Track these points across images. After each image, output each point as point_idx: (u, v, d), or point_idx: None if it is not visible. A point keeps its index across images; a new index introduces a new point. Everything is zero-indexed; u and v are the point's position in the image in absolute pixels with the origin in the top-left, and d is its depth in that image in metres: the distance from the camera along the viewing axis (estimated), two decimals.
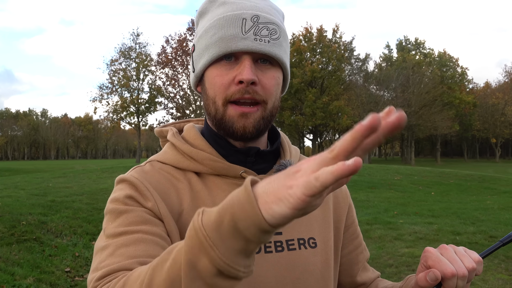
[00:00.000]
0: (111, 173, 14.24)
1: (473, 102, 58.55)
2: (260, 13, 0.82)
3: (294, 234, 0.87)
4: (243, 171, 0.85)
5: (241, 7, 0.82)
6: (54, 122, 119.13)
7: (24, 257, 5.07)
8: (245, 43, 0.79)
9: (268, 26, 0.81)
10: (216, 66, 0.82)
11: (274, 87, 0.83)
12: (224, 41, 0.80)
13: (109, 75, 38.31)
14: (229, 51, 0.80)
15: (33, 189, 9.80)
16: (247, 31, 0.79)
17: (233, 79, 0.80)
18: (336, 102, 41.99)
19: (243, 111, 0.81)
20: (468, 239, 6.55)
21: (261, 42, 0.79)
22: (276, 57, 0.82)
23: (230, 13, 0.82)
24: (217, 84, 0.82)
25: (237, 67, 0.81)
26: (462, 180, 16.07)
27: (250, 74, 0.78)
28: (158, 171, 0.87)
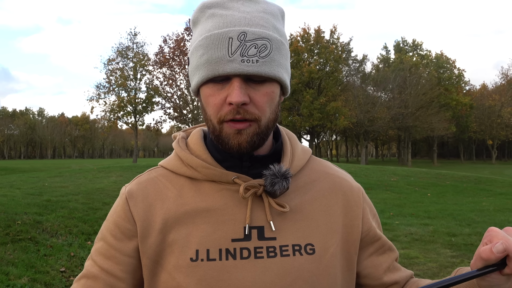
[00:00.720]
0: (107, 172, 14.21)
1: (469, 104, 58.76)
2: (248, 28, 0.79)
3: (289, 239, 0.85)
4: (235, 176, 0.86)
5: (229, 21, 0.80)
6: (51, 121, 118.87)
7: (19, 257, 5.05)
8: (232, 66, 0.77)
9: (256, 43, 0.78)
10: (208, 85, 0.82)
11: (267, 103, 0.82)
12: (211, 64, 0.79)
13: (106, 74, 38.26)
14: (216, 74, 0.79)
15: (29, 188, 9.76)
16: (234, 52, 0.77)
17: (225, 99, 0.80)
18: (334, 103, 42.04)
19: (237, 128, 0.80)
20: (464, 240, 6.57)
21: (249, 63, 0.77)
22: (267, 75, 0.79)
23: (216, 31, 0.80)
24: (210, 104, 0.82)
25: (228, 87, 0.80)
26: (458, 181, 16.12)
27: (239, 97, 0.77)
28: (153, 180, 0.92)
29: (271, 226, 0.84)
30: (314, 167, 0.97)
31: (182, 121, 35.42)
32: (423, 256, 5.72)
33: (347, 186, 0.96)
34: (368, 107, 44.40)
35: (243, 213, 0.85)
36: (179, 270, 0.83)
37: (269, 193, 0.85)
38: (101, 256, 0.89)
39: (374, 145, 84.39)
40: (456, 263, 5.43)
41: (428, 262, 5.46)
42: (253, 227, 0.84)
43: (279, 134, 0.97)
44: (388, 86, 46.61)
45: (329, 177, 0.96)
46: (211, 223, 0.85)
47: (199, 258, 0.82)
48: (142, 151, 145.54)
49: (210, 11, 0.83)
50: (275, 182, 0.83)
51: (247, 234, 0.84)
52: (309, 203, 0.90)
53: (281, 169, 0.84)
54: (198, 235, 0.84)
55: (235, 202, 0.86)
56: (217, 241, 0.83)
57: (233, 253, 0.82)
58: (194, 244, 0.83)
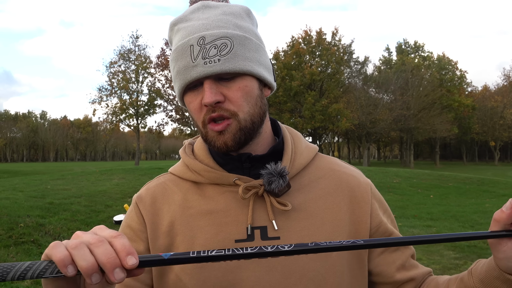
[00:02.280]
0: (109, 175, 14.22)
1: (472, 105, 58.61)
2: (206, 32, 0.82)
3: (293, 239, 0.85)
4: (236, 178, 0.88)
5: (190, 31, 0.84)
6: (53, 124, 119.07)
7: (21, 259, 5.06)
8: (197, 71, 0.81)
9: (215, 44, 0.81)
10: (187, 94, 0.87)
11: (243, 98, 0.84)
12: (180, 74, 0.84)
13: (109, 77, 38.29)
14: (186, 82, 0.84)
15: (32, 191, 9.78)
16: (196, 57, 0.81)
17: (201, 102, 0.85)
18: (335, 104, 41.98)
19: (217, 130, 0.84)
20: (467, 242, 6.55)
21: (211, 64, 0.81)
22: (231, 72, 0.82)
23: (180, 43, 0.84)
24: (192, 110, 0.87)
25: (202, 90, 0.84)
26: (461, 183, 16.07)
27: (209, 97, 0.81)
28: (161, 185, 0.96)
29: (274, 226, 0.85)
30: (320, 164, 0.96)
31: (184, 124, 35.45)
32: (426, 258, 5.71)
33: (354, 182, 0.95)
34: (370, 109, 44.33)
35: (245, 214, 0.86)
36: (185, 272, 0.85)
37: (270, 192, 0.86)
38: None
39: (376, 146, 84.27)
40: (459, 265, 5.41)
41: (431, 264, 5.44)
42: (256, 227, 0.85)
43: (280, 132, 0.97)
44: (390, 88, 46.54)
45: (335, 174, 0.95)
46: (215, 225, 0.86)
47: None
48: (144, 154, 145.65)
49: (176, 27, 0.89)
50: (271, 181, 0.84)
51: (250, 235, 0.85)
52: (313, 201, 0.90)
53: (277, 167, 0.85)
54: (202, 237, 0.86)
55: (238, 204, 0.88)
56: (221, 242, 0.85)
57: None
58: (199, 246, 0.85)
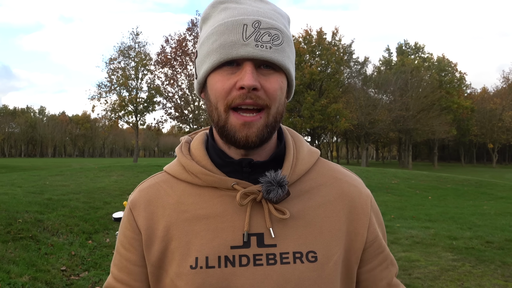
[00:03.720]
0: (108, 172, 14.21)
1: (471, 107, 58.75)
2: (262, 18, 0.80)
3: (290, 247, 0.83)
4: (234, 183, 0.85)
5: (243, 12, 0.81)
6: (51, 120, 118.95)
7: (20, 255, 5.05)
8: (246, 50, 0.78)
9: (270, 32, 0.80)
10: (218, 72, 0.82)
11: (278, 91, 0.81)
12: (225, 48, 0.79)
13: (108, 73, 38.23)
14: (229, 57, 0.79)
15: (30, 187, 9.76)
16: (248, 37, 0.78)
17: (235, 84, 0.79)
18: (335, 104, 42.01)
19: (246, 120, 0.80)
20: (465, 244, 6.56)
21: (262, 48, 0.78)
22: (278, 63, 0.80)
23: (231, 19, 0.81)
24: (219, 90, 0.81)
25: (238, 73, 0.80)
26: (459, 184, 16.10)
27: (251, 80, 0.77)
28: (155, 187, 0.92)
29: (270, 233, 0.83)
30: (321, 170, 0.94)
31: (183, 121, 35.42)
32: (424, 259, 5.72)
33: (356, 192, 0.92)
34: (369, 109, 44.38)
35: (242, 219, 0.84)
36: (180, 277, 0.83)
37: (269, 199, 0.83)
38: (116, 267, 0.94)
39: (374, 147, 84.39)
40: (457, 267, 5.42)
41: (429, 266, 5.45)
42: (252, 234, 0.83)
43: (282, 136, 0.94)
44: (390, 89, 46.62)
45: (337, 183, 0.92)
46: (210, 230, 0.84)
47: (198, 265, 0.82)
48: (143, 151, 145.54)
49: (223, 5, 0.85)
50: (270, 190, 0.82)
51: (246, 241, 0.83)
52: (313, 209, 0.87)
53: (276, 176, 0.82)
54: (197, 242, 0.84)
55: (235, 209, 0.85)
56: (216, 248, 0.82)
57: (232, 260, 0.82)
58: (194, 252, 0.83)
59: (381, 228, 0.96)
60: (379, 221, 0.96)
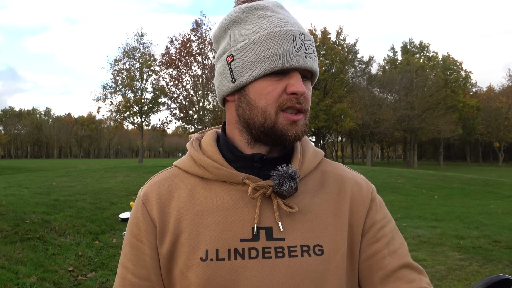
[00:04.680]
0: (114, 172, 14.26)
1: (476, 106, 58.45)
2: (303, 31, 0.88)
3: (297, 240, 0.86)
4: (245, 177, 0.88)
5: (286, 23, 0.87)
6: (57, 121, 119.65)
7: (27, 256, 5.08)
8: (299, 60, 0.85)
9: (311, 44, 0.88)
10: (266, 78, 0.86)
11: (310, 99, 0.91)
12: (280, 57, 0.84)
13: (113, 74, 38.31)
14: (284, 67, 0.84)
15: (37, 187, 9.82)
16: (299, 48, 0.85)
17: (284, 89, 0.85)
18: (339, 104, 41.95)
19: (293, 119, 0.86)
20: (472, 243, 6.53)
21: (310, 59, 0.86)
22: (316, 74, 0.91)
23: (280, 29, 0.86)
24: (270, 94, 0.86)
25: (285, 79, 0.86)
26: (466, 184, 16.02)
27: (303, 88, 0.85)
28: (166, 180, 0.94)
29: (279, 227, 0.86)
30: (325, 169, 0.98)
31: (187, 122, 35.46)
32: (431, 259, 5.69)
33: (357, 186, 0.96)
34: (374, 109, 44.25)
35: (251, 213, 0.87)
36: (190, 269, 0.85)
37: (278, 194, 0.87)
38: (132, 263, 0.91)
39: (379, 147, 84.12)
40: (464, 266, 5.40)
41: (436, 265, 5.43)
42: (261, 227, 0.86)
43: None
44: (395, 88, 46.44)
45: (339, 178, 0.96)
46: (221, 223, 0.86)
47: (208, 257, 0.84)
48: (148, 152, 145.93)
49: (259, 12, 0.89)
50: (282, 183, 0.85)
51: (255, 234, 0.85)
52: (318, 204, 0.91)
53: (288, 170, 0.86)
54: (208, 235, 0.86)
55: (244, 203, 0.88)
56: (226, 241, 0.85)
57: (241, 253, 0.84)
58: (204, 244, 0.85)
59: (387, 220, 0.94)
60: (381, 212, 0.95)
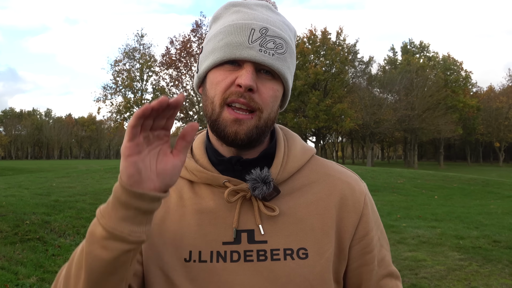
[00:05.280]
0: (114, 173, 14.27)
1: (476, 106, 58.38)
2: (269, 26, 0.83)
3: (280, 243, 0.84)
4: (225, 180, 0.87)
5: (253, 17, 0.84)
6: (57, 122, 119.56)
7: (27, 257, 5.08)
8: (249, 53, 0.80)
9: (275, 40, 0.82)
10: (219, 68, 0.84)
11: (271, 98, 0.84)
12: (230, 47, 0.82)
13: (113, 75, 38.31)
14: (233, 57, 0.82)
15: (37, 188, 9.83)
16: (254, 41, 0.81)
17: (234, 81, 0.82)
18: (339, 104, 41.91)
19: (237, 117, 0.81)
20: (472, 243, 6.53)
21: (265, 54, 0.81)
22: (278, 71, 0.83)
23: (240, 22, 0.84)
24: (219, 84, 0.83)
25: (237, 71, 0.82)
26: (466, 184, 16.01)
27: (249, 80, 0.79)
28: None
29: (260, 230, 0.85)
30: (314, 168, 0.94)
31: (188, 123, 35.47)
32: (430, 259, 5.69)
33: (348, 190, 0.91)
34: (374, 109, 44.23)
35: (233, 216, 0.86)
36: (174, 269, 0.85)
37: (256, 196, 0.85)
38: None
39: (380, 147, 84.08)
40: (464, 266, 5.40)
41: (436, 265, 5.43)
42: (242, 230, 0.85)
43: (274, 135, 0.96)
44: (395, 88, 46.42)
45: (329, 179, 0.92)
46: (204, 225, 0.86)
47: (192, 259, 0.84)
48: None
49: (235, 8, 0.88)
50: (255, 187, 0.84)
51: (236, 238, 0.85)
52: (304, 206, 0.88)
53: (262, 174, 0.84)
54: (191, 236, 0.86)
55: (227, 206, 0.87)
56: (209, 243, 0.85)
57: (223, 255, 0.84)
58: (188, 245, 0.86)
59: (376, 226, 0.94)
60: (374, 218, 0.94)
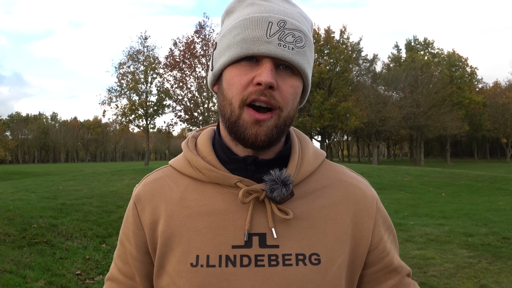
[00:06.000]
0: (120, 175, 14.32)
1: (482, 102, 58.02)
2: (287, 18, 0.79)
3: (292, 248, 0.81)
4: (237, 180, 0.83)
5: (269, 9, 0.80)
6: (63, 125, 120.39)
7: (35, 260, 5.10)
8: (268, 47, 0.77)
9: (294, 33, 0.79)
10: (236, 66, 0.80)
11: (292, 96, 0.81)
12: (247, 43, 0.78)
13: (118, 78, 38.50)
14: (250, 53, 0.78)
15: (44, 192, 9.87)
16: (272, 35, 0.77)
17: (252, 79, 0.78)
18: (344, 103, 41.82)
19: (258, 118, 0.78)
20: (481, 240, 6.47)
21: (285, 48, 0.77)
22: (298, 66, 0.79)
23: (256, 15, 0.80)
24: (235, 84, 0.80)
25: (257, 69, 0.79)
26: (473, 180, 15.90)
27: (269, 77, 0.76)
28: (159, 181, 0.92)
29: (273, 234, 0.81)
30: (326, 172, 0.92)
31: (193, 124, 35.55)
32: (439, 257, 5.65)
33: (360, 194, 0.91)
34: (379, 107, 44.08)
35: (244, 218, 0.82)
36: (179, 274, 0.82)
37: (273, 199, 0.82)
38: (120, 260, 0.94)
39: (386, 145, 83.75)
40: (473, 264, 5.35)
41: (445, 263, 5.38)
42: (254, 233, 0.82)
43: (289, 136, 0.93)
44: (400, 85, 46.23)
45: (342, 184, 0.91)
46: (212, 228, 0.82)
47: (199, 263, 0.81)
48: (154, 154, 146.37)
49: (250, 0, 0.84)
50: (274, 189, 0.80)
51: (247, 241, 0.81)
52: (317, 211, 0.86)
53: (281, 175, 0.81)
54: (199, 240, 0.82)
55: (237, 207, 0.83)
56: (217, 247, 0.81)
57: (233, 260, 0.80)
58: (195, 249, 0.82)
59: (389, 230, 0.94)
60: (386, 223, 0.94)
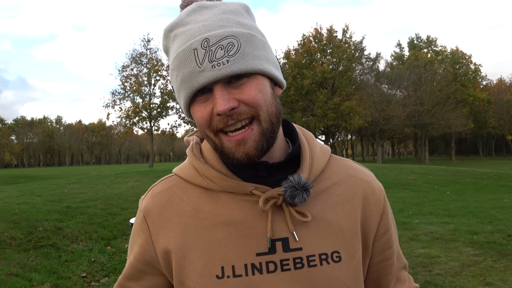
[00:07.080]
0: (124, 178, 14.36)
1: (487, 99, 57.72)
2: (209, 33, 0.76)
3: (315, 249, 0.82)
4: (253, 187, 0.82)
5: (190, 35, 0.77)
6: (68, 129, 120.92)
7: (41, 263, 5.13)
8: (205, 76, 0.75)
9: (221, 44, 0.75)
10: (194, 104, 0.80)
11: (259, 95, 0.77)
12: (186, 82, 0.77)
13: (121, 81, 38.66)
14: (193, 90, 0.77)
15: (49, 195, 9.92)
16: (202, 61, 0.75)
17: (212, 111, 0.78)
18: (348, 102, 41.72)
19: (238, 139, 0.77)
20: (486, 238, 6.44)
21: (219, 66, 0.74)
22: (243, 72, 0.76)
23: (181, 49, 0.78)
24: (200, 120, 0.80)
25: (212, 98, 0.77)
26: (478, 178, 15.83)
27: (223, 105, 0.75)
28: (168, 192, 0.90)
29: (295, 237, 0.82)
30: (335, 168, 0.93)
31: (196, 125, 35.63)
32: (444, 255, 5.63)
33: (369, 188, 0.92)
34: (383, 106, 43.95)
35: (264, 225, 0.82)
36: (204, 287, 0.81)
37: (294, 203, 0.82)
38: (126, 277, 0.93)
39: (390, 143, 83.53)
40: (478, 262, 5.32)
41: (450, 261, 5.36)
42: (277, 239, 0.82)
43: (296, 135, 0.92)
44: (403, 84, 46.07)
45: (351, 179, 0.92)
46: (233, 238, 0.82)
47: (225, 275, 0.80)
48: (158, 156, 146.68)
49: (172, 33, 0.82)
50: (295, 195, 0.80)
51: (271, 247, 0.81)
52: (331, 208, 0.86)
53: (300, 180, 0.81)
54: (221, 251, 0.82)
55: (255, 214, 0.83)
56: (242, 256, 0.81)
57: (259, 267, 0.80)
58: (218, 261, 0.81)
59: (392, 223, 0.97)
60: (391, 215, 0.97)
